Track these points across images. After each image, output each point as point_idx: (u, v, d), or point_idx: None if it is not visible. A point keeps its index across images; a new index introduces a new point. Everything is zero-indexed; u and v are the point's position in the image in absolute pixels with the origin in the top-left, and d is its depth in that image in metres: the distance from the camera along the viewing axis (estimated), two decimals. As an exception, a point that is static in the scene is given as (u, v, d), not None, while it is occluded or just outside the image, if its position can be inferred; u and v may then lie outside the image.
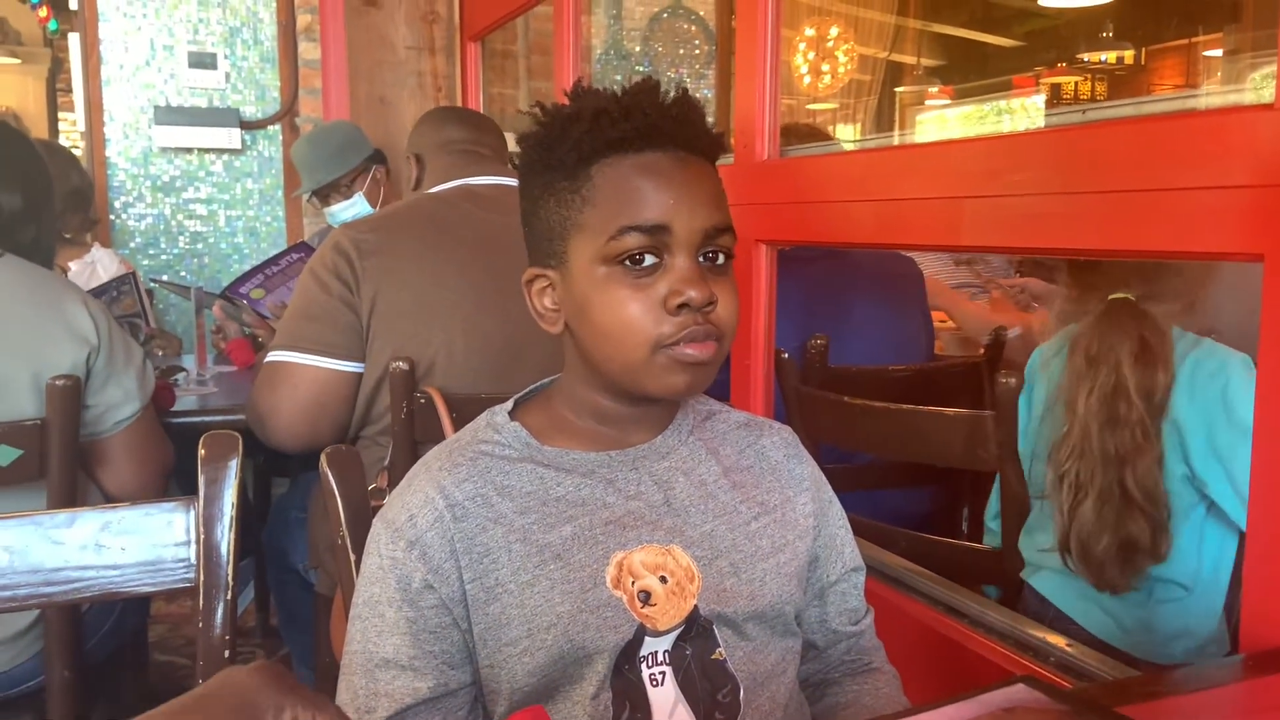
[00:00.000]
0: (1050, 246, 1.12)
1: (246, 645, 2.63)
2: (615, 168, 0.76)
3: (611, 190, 0.76)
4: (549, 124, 0.78)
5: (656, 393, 0.78)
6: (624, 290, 0.75)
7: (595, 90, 0.79)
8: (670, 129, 0.76)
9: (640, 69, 4.28)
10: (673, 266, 0.75)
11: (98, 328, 1.39)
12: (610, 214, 0.75)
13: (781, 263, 1.53)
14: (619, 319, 0.75)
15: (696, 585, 0.78)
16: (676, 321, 0.75)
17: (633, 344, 0.75)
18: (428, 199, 1.69)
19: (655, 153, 0.76)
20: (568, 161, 0.77)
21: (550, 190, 0.79)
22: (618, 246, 0.75)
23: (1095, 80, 6.93)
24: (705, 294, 0.75)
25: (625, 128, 0.75)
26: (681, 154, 0.77)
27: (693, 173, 0.77)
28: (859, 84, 6.24)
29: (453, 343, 1.52)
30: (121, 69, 3.36)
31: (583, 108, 0.77)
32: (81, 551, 0.87)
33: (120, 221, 3.41)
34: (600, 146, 0.76)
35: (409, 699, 0.76)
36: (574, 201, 0.77)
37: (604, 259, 0.76)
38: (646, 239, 0.75)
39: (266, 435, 1.58)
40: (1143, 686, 0.79)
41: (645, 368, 0.76)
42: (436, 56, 3.31)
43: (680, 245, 0.75)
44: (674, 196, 0.75)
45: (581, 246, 0.77)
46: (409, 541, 0.77)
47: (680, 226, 0.75)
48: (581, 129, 0.76)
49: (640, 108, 0.76)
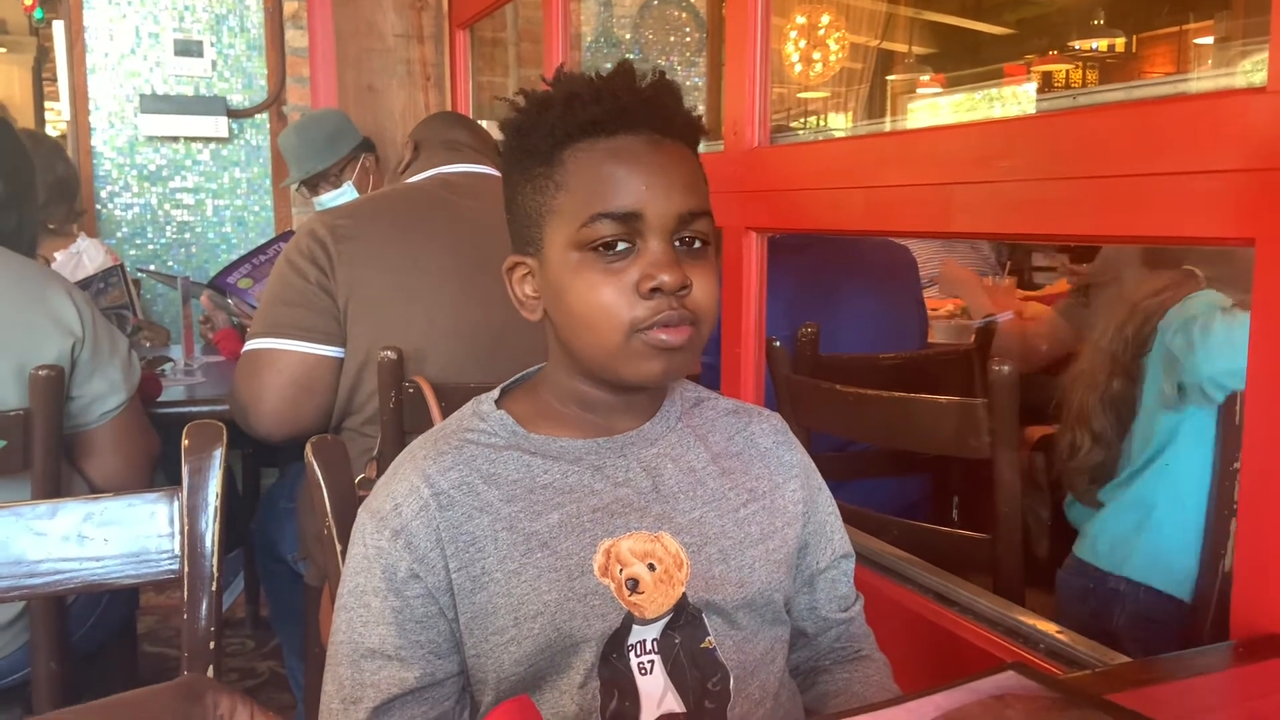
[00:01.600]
0: (1041, 232, 1.12)
1: (237, 636, 2.62)
2: (588, 152, 0.75)
3: (583, 176, 0.75)
4: (525, 109, 0.78)
5: (632, 379, 0.77)
6: (597, 275, 0.75)
7: (573, 75, 0.78)
8: (643, 112, 0.76)
9: (631, 56, 4.27)
10: (645, 251, 0.75)
11: (82, 319, 1.38)
12: (582, 200, 0.75)
13: (773, 250, 1.53)
14: (592, 304, 0.75)
15: (685, 572, 0.78)
16: (649, 305, 0.74)
17: (606, 329, 0.75)
18: (404, 187, 1.68)
19: (628, 136, 0.75)
20: (542, 147, 0.76)
21: (526, 176, 0.78)
22: (590, 234, 0.74)
23: (1087, 68, 6.94)
24: (679, 278, 0.74)
25: (596, 111, 0.74)
26: (655, 137, 0.76)
27: (666, 157, 0.76)
28: (850, 72, 6.24)
29: (433, 327, 1.51)
30: (107, 57, 3.33)
31: (556, 92, 0.76)
32: (64, 543, 0.86)
33: (107, 211, 3.38)
34: (573, 130, 0.75)
35: (395, 689, 0.75)
36: (548, 188, 0.77)
37: (577, 245, 0.75)
38: (618, 225, 0.74)
39: (250, 424, 1.57)
40: (1133, 673, 0.79)
41: (620, 353, 0.76)
42: (425, 44, 3.29)
43: (653, 230, 0.74)
44: (646, 182, 0.74)
45: (556, 233, 0.77)
46: (394, 531, 0.76)
47: (653, 212, 0.74)
48: (555, 113, 0.75)
49: (612, 91, 0.75)
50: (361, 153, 2.71)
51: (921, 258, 2.44)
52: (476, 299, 1.52)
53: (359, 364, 1.50)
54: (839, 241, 1.97)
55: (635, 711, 0.76)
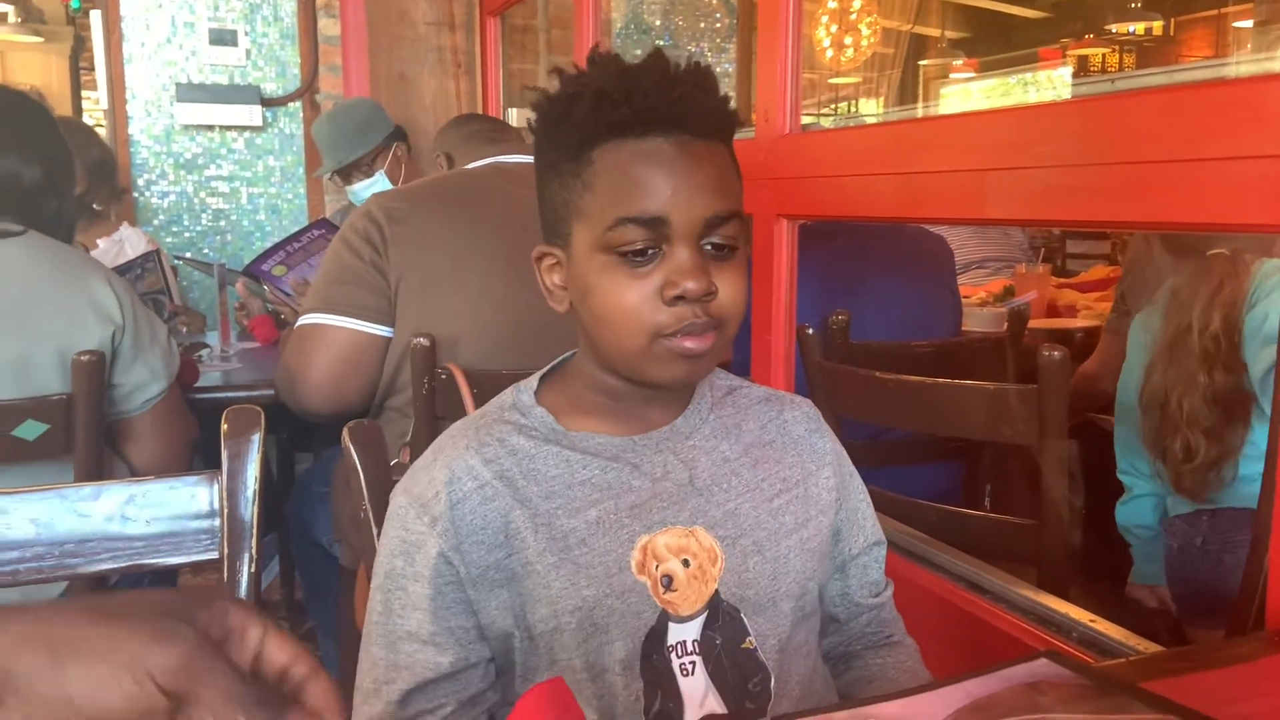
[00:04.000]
0: (1076, 219, 1.11)
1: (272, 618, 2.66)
2: (615, 154, 0.74)
3: (610, 178, 0.74)
4: (556, 100, 0.77)
5: (655, 380, 0.77)
6: (622, 279, 0.74)
7: (606, 61, 0.76)
8: (673, 112, 0.74)
9: (661, 43, 4.25)
10: (671, 256, 0.74)
11: (122, 307, 1.40)
12: (608, 203, 0.74)
13: (805, 237, 1.52)
14: (616, 307, 0.74)
15: (719, 567, 0.78)
16: (673, 313, 0.73)
17: (630, 333, 0.75)
18: (460, 173, 1.71)
19: (657, 138, 0.74)
20: (570, 143, 0.75)
21: (555, 170, 0.78)
22: (615, 237, 0.73)
23: (1123, 51, 6.83)
24: (703, 285, 0.73)
25: (625, 113, 0.73)
26: (685, 138, 0.74)
27: (695, 159, 0.74)
28: (882, 57, 6.18)
29: (480, 314, 1.53)
30: (143, 46, 3.36)
31: (586, 86, 0.75)
32: (107, 524, 0.88)
33: (144, 199, 3.42)
34: (601, 130, 0.74)
35: (430, 673, 0.76)
36: (575, 185, 0.76)
37: (602, 247, 0.74)
38: (644, 231, 0.73)
39: (296, 397, 1.60)
40: (1167, 662, 0.79)
41: (643, 357, 0.75)
42: (456, 32, 3.30)
43: (679, 235, 0.73)
44: (673, 187, 0.73)
45: (582, 231, 0.76)
46: (433, 517, 0.77)
47: (679, 217, 0.73)
48: (583, 110, 0.74)
49: (641, 90, 0.73)
50: (394, 142, 2.73)
51: (954, 243, 2.42)
52: (524, 287, 1.52)
53: (405, 344, 1.52)
54: (872, 229, 1.96)
55: (679, 712, 0.76)
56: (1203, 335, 1.49)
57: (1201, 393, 1.49)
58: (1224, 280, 1.50)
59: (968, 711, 0.60)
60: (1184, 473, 1.53)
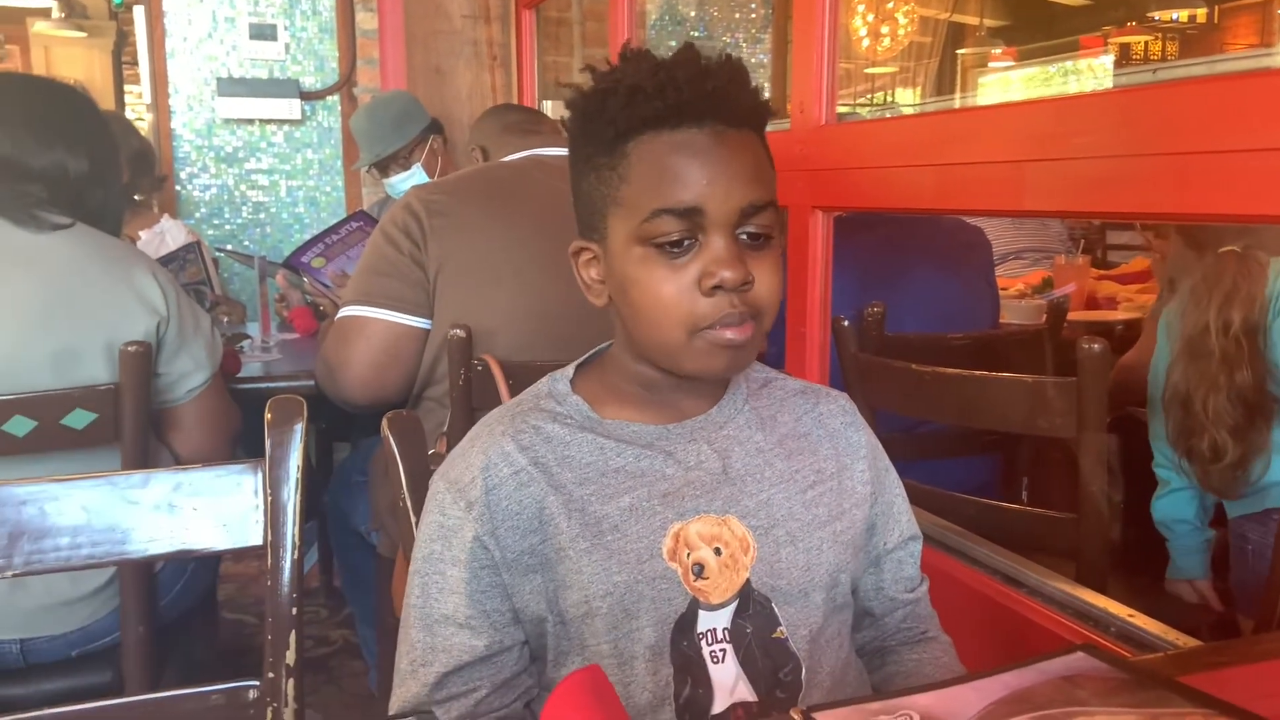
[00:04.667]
0: (1117, 211, 1.10)
1: (311, 605, 2.70)
2: (650, 146, 0.75)
3: (645, 170, 0.75)
4: (590, 95, 0.78)
5: (695, 373, 0.78)
6: (659, 271, 0.75)
7: (639, 57, 0.77)
8: (706, 104, 0.75)
9: (695, 34, 4.24)
10: (707, 246, 0.74)
11: (166, 298, 1.42)
12: (644, 195, 0.75)
13: (840, 229, 1.52)
14: (654, 300, 0.75)
15: (750, 557, 0.79)
16: (711, 303, 0.74)
17: (668, 325, 0.75)
18: (498, 166, 1.71)
19: (690, 129, 0.75)
20: (605, 136, 0.76)
21: (590, 164, 0.79)
22: (651, 229, 0.74)
23: (1166, 39, 6.71)
24: (740, 275, 0.74)
25: (659, 105, 0.74)
26: (719, 128, 0.75)
27: (729, 149, 0.75)
28: (919, 46, 6.12)
29: (517, 306, 1.54)
30: (185, 41, 3.41)
31: (620, 81, 0.76)
32: (155, 511, 0.90)
33: (186, 192, 3.48)
34: (635, 123, 0.75)
35: (466, 656, 0.78)
36: (611, 179, 0.77)
37: (639, 239, 0.75)
38: (680, 221, 0.74)
39: (336, 388, 1.62)
40: (1205, 656, 0.78)
41: (683, 349, 0.76)
42: (492, 25, 3.31)
43: (715, 225, 0.74)
44: (708, 176, 0.74)
45: (618, 224, 0.77)
46: (469, 502, 0.78)
47: (715, 207, 0.74)
48: (617, 104, 0.75)
49: (675, 83, 0.74)
50: (430, 135, 2.75)
51: (991, 235, 2.40)
52: (560, 280, 1.53)
53: (444, 336, 1.54)
54: (908, 221, 1.95)
55: (708, 699, 0.77)
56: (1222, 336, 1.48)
57: (1225, 393, 1.49)
58: (1238, 279, 1.49)
59: (1004, 704, 0.60)
60: (1212, 472, 1.53)
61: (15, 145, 1.41)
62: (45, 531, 0.88)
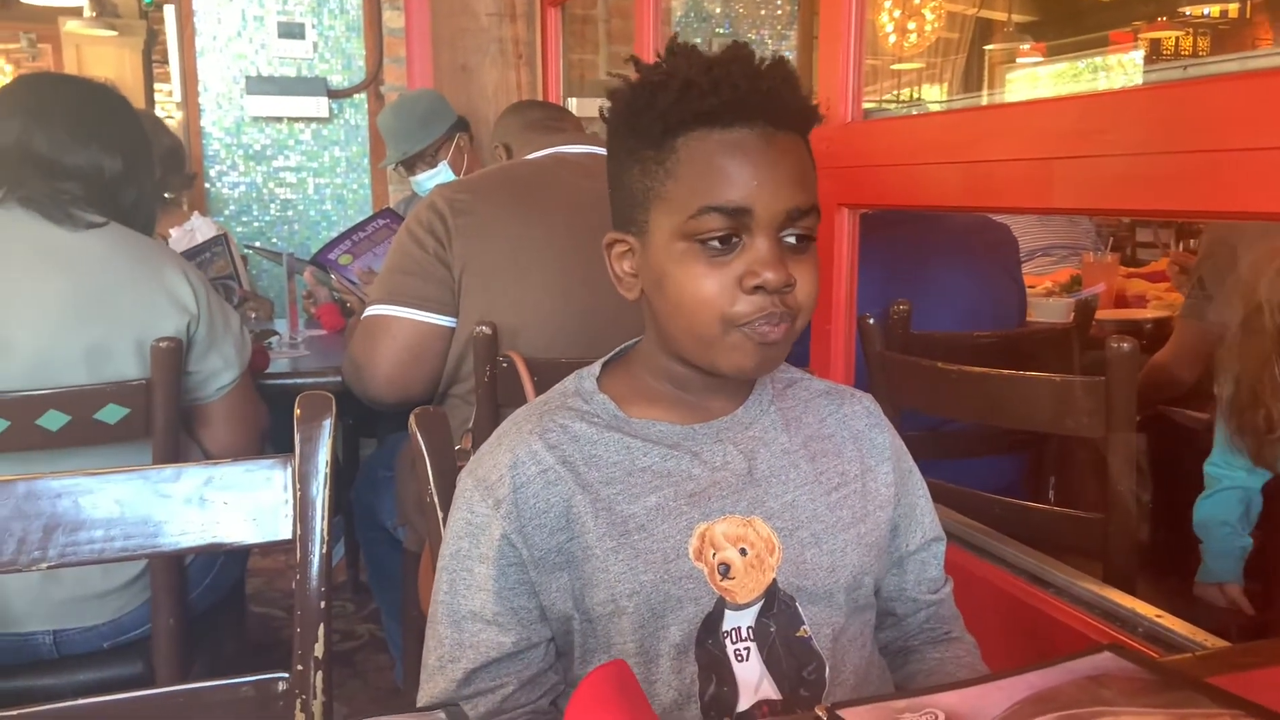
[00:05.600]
0: (1147, 208, 1.09)
1: (338, 600, 2.73)
2: (701, 142, 0.75)
3: (695, 166, 0.75)
4: (638, 88, 0.77)
5: (726, 370, 0.78)
6: (700, 267, 0.75)
7: (688, 53, 0.77)
8: (759, 104, 0.75)
9: (721, 31, 4.23)
10: (751, 246, 0.74)
11: (197, 297, 1.44)
12: (692, 191, 0.75)
13: (868, 226, 1.51)
14: (693, 295, 0.75)
15: (776, 558, 0.79)
16: (751, 301, 0.74)
17: (705, 320, 0.75)
18: (522, 164, 1.72)
19: (742, 129, 0.75)
20: (653, 130, 0.76)
21: (635, 157, 0.78)
22: (698, 226, 0.74)
23: (1197, 35, 6.62)
24: (783, 277, 0.74)
25: (713, 102, 0.74)
26: (769, 130, 0.75)
27: (779, 151, 0.75)
28: (947, 42, 6.08)
29: (541, 304, 1.55)
30: (214, 40, 3.45)
31: (671, 75, 0.75)
32: (186, 505, 0.91)
33: (215, 190, 3.51)
34: (687, 119, 0.75)
35: (493, 652, 0.78)
36: (657, 173, 0.76)
37: (683, 235, 0.75)
38: (727, 220, 0.74)
39: (363, 387, 1.64)
40: (1234, 657, 0.77)
41: (717, 345, 0.76)
42: (517, 23, 3.32)
43: (761, 226, 0.74)
44: (758, 178, 0.74)
45: (662, 219, 0.77)
46: (497, 500, 0.79)
47: (762, 208, 0.74)
48: (669, 99, 0.74)
49: (730, 80, 0.74)
50: (456, 132, 2.76)
51: (1018, 231, 2.38)
52: (585, 278, 1.54)
53: (468, 334, 1.55)
54: (934, 218, 1.94)
55: (733, 697, 0.77)
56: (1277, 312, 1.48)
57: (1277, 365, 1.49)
58: None
59: (1029, 703, 0.60)
60: (1265, 444, 1.53)
61: (52, 144, 1.43)
62: (79, 524, 0.89)
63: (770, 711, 0.77)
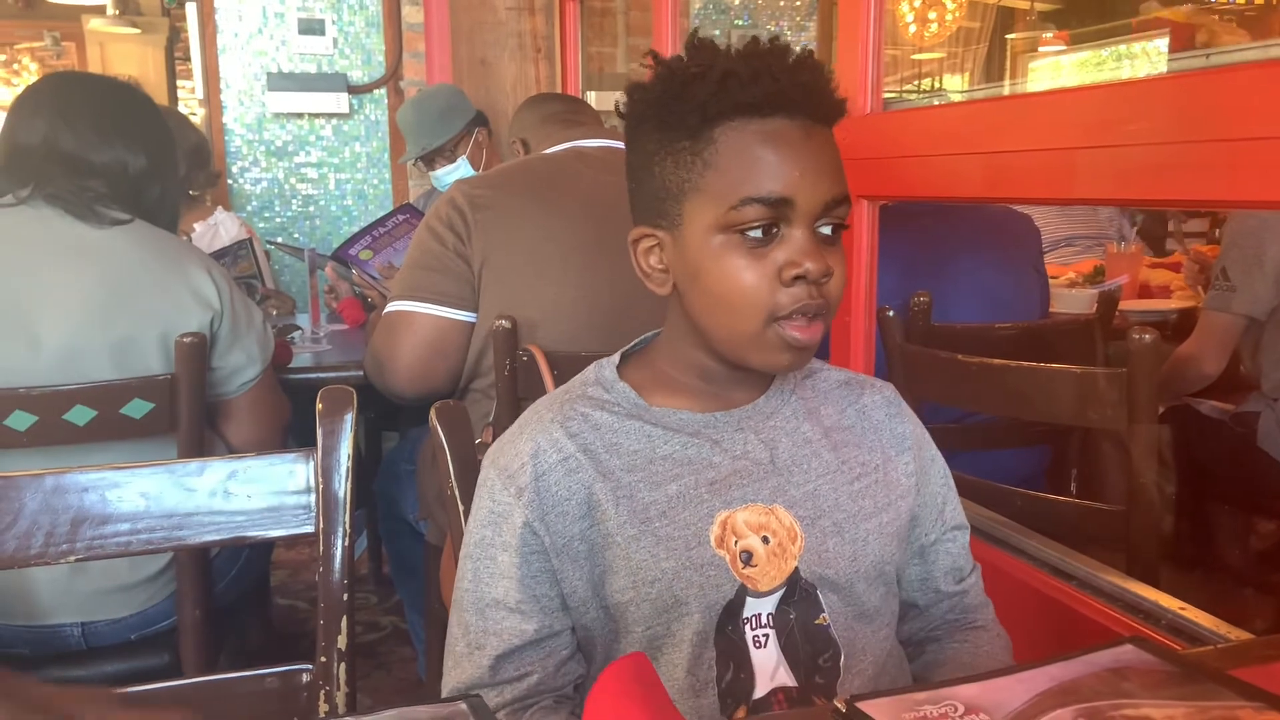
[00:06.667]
0: (1170, 198, 1.08)
1: (361, 592, 2.75)
2: (740, 133, 0.75)
3: (735, 157, 0.74)
4: (669, 80, 0.77)
5: (757, 366, 0.79)
6: (740, 259, 0.75)
7: (716, 47, 0.77)
8: (798, 96, 0.75)
9: (740, 23, 4.22)
10: (790, 237, 0.75)
11: (220, 294, 1.46)
12: (732, 182, 0.74)
13: (888, 218, 1.51)
14: (734, 288, 0.75)
15: (798, 546, 0.79)
16: (791, 293, 0.74)
17: (746, 314, 0.75)
18: (540, 159, 1.73)
19: (781, 120, 0.75)
20: (689, 122, 0.75)
21: (668, 149, 0.77)
22: (738, 216, 0.74)
23: (1223, 22, 6.53)
24: (823, 266, 0.74)
25: (754, 92, 0.73)
26: (806, 122, 0.76)
27: (817, 143, 0.76)
28: (968, 31, 6.03)
29: (561, 299, 1.55)
30: (236, 37, 3.47)
31: (710, 67, 0.75)
32: (211, 498, 0.93)
33: (237, 186, 3.54)
34: (726, 109, 0.74)
35: (517, 640, 0.79)
36: (694, 164, 0.76)
37: (722, 227, 0.75)
38: (768, 211, 0.74)
39: (385, 382, 1.65)
40: (1258, 649, 0.77)
41: (754, 341, 0.76)
42: (536, 16, 3.32)
43: (800, 217, 0.74)
44: (799, 169, 0.74)
45: (698, 211, 0.76)
46: (519, 488, 0.79)
47: (802, 199, 0.74)
48: (707, 90, 0.74)
49: (770, 72, 0.74)
50: (475, 127, 2.76)
51: (1040, 221, 2.36)
52: (604, 272, 1.55)
53: (489, 329, 1.55)
54: (955, 210, 1.93)
55: (750, 684, 0.78)
56: None
57: None
58: None
59: (1050, 695, 0.60)
60: None
61: (78, 141, 1.44)
62: (106, 518, 0.91)
63: (785, 698, 0.78)
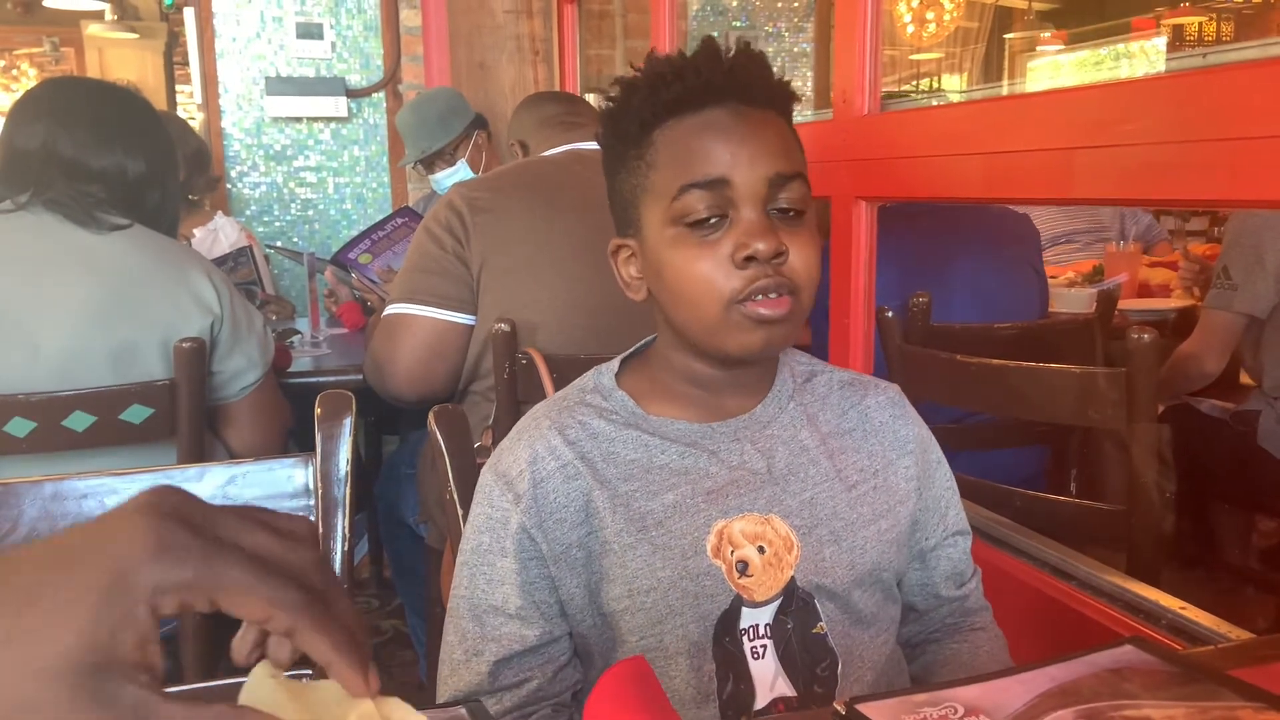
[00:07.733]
0: (1169, 198, 1.08)
1: (362, 596, 2.75)
2: (674, 130, 0.77)
3: (671, 152, 0.77)
4: (615, 97, 0.81)
5: (734, 352, 0.78)
6: (692, 249, 0.76)
7: (659, 58, 0.80)
8: (726, 84, 0.77)
9: (737, 24, 4.22)
10: (738, 220, 0.75)
11: (220, 298, 1.46)
12: (671, 175, 0.76)
13: (886, 218, 1.51)
14: (689, 278, 0.76)
15: (795, 555, 0.79)
16: (745, 276, 0.75)
17: (705, 302, 0.76)
18: (539, 161, 1.73)
19: (713, 110, 0.77)
20: (631, 130, 0.79)
21: (621, 161, 0.81)
22: (682, 207, 0.76)
23: (1221, 20, 6.54)
24: (773, 245, 0.74)
25: (679, 89, 0.76)
26: (741, 108, 0.77)
27: (753, 125, 0.77)
28: (966, 31, 6.03)
29: (560, 301, 1.56)
30: (234, 41, 3.47)
31: (640, 77, 0.79)
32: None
33: (236, 190, 3.54)
34: (659, 111, 0.77)
35: (516, 646, 0.79)
36: (640, 168, 0.79)
37: (671, 220, 0.77)
38: (707, 195, 0.75)
39: (384, 385, 1.65)
40: (1258, 649, 0.77)
41: (720, 326, 0.76)
42: (534, 19, 3.32)
43: (744, 198, 0.75)
44: (731, 150, 0.75)
45: (650, 212, 0.79)
46: (517, 495, 0.79)
47: (741, 178, 0.75)
48: (640, 96, 0.78)
49: (694, 68, 0.76)
50: (475, 130, 2.77)
51: (1038, 219, 2.37)
52: (603, 274, 1.54)
53: (488, 331, 1.56)
54: (954, 210, 1.93)
55: (750, 695, 0.78)
56: None
57: None
58: None
59: (1050, 696, 0.60)
60: None
61: (76, 147, 1.44)
62: (106, 523, 0.91)
63: (786, 709, 0.78)
